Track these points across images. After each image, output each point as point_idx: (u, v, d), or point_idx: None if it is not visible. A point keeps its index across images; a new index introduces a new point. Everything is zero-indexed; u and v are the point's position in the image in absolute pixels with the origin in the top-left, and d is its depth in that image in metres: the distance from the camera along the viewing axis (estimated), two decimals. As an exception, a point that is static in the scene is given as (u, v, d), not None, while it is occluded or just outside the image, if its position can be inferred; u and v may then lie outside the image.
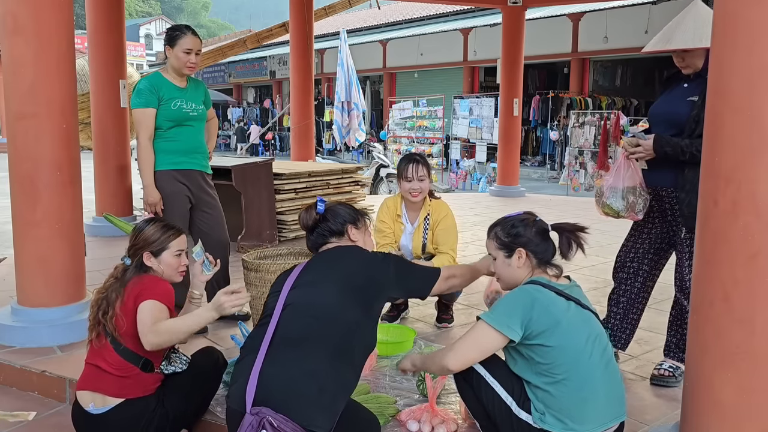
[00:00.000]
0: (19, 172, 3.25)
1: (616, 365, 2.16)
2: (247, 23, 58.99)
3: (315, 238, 2.41)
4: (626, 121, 11.93)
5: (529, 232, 2.18)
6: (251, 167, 5.57)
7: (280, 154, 23.34)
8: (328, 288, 2.15)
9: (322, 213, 2.40)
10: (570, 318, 2.02)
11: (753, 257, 1.81)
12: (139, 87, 3.48)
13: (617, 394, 2.08)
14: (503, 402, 2.02)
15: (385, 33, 22.09)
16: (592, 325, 2.09)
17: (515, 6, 9.13)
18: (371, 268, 2.26)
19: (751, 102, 1.79)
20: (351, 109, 9.98)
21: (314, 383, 1.90)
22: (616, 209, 2.92)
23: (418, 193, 3.51)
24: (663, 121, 2.84)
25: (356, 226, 2.44)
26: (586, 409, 1.97)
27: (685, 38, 2.70)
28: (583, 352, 1.99)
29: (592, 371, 2.00)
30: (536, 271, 2.17)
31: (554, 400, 1.97)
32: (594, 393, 1.98)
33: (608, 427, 2.02)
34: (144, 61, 42.29)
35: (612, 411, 2.04)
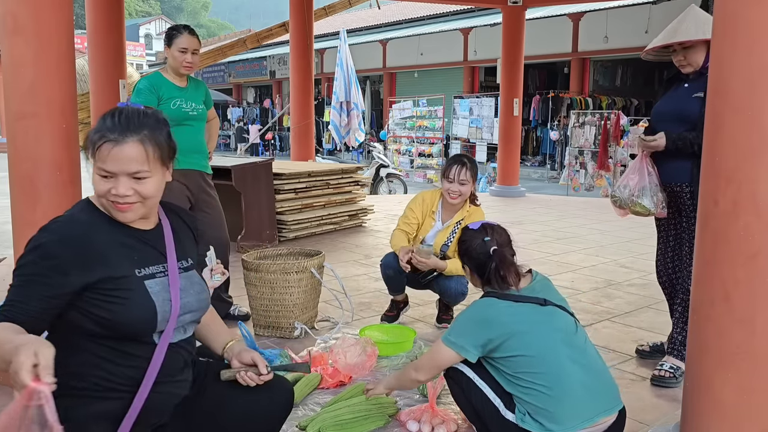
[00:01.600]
0: (19, 172, 3.25)
1: (595, 355, 2.10)
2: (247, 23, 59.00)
3: None
4: (626, 121, 11.93)
5: (472, 252, 2.20)
6: (251, 167, 5.57)
7: (280, 154, 23.34)
8: None
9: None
10: (529, 323, 2.00)
11: (753, 257, 1.81)
12: (138, 86, 3.48)
13: (599, 387, 2.02)
14: (491, 403, 2.03)
15: (385, 33, 22.08)
16: (556, 322, 2.05)
17: (515, 6, 9.13)
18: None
19: (751, 102, 1.80)
20: (351, 109, 9.98)
21: None
22: (648, 208, 2.92)
23: (457, 196, 3.44)
24: (671, 119, 2.89)
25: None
26: (561, 408, 1.94)
27: (689, 32, 2.77)
28: (546, 354, 1.97)
29: (561, 369, 1.96)
30: (487, 285, 2.16)
31: (529, 403, 1.97)
32: (567, 391, 1.95)
33: (595, 421, 1.97)
34: (144, 61, 42.28)
35: (597, 404, 1.99)
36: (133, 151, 1.56)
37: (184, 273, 1.73)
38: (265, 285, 3.37)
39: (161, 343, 1.62)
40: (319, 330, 3.55)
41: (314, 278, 3.42)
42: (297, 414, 2.52)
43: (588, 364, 2.03)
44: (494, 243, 2.18)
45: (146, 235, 1.68)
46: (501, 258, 2.13)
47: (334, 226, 6.50)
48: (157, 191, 1.65)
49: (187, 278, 1.72)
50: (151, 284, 1.62)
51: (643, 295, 4.29)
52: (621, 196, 2.97)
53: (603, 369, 2.09)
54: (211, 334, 1.91)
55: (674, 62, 2.89)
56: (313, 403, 2.61)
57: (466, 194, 3.47)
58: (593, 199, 10.33)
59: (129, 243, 1.64)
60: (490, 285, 2.14)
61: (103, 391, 1.56)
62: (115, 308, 1.55)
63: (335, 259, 5.19)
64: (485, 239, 2.19)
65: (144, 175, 1.58)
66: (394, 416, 2.49)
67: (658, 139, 2.83)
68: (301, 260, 3.51)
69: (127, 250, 1.62)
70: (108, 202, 1.59)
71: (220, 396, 1.78)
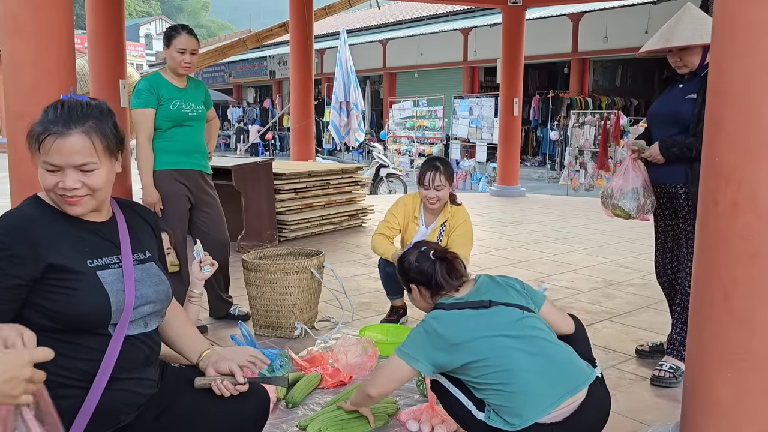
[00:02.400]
0: (19, 172, 3.25)
1: (547, 340, 2.05)
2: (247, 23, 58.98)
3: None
4: (626, 121, 11.93)
5: (414, 268, 2.23)
6: (251, 167, 5.58)
7: (280, 154, 23.34)
8: None
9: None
10: (471, 329, 2.01)
11: (753, 257, 1.81)
12: (138, 87, 3.48)
13: (557, 368, 1.99)
14: (465, 407, 2.05)
15: (385, 33, 22.08)
16: (499, 320, 2.03)
17: (515, 6, 9.13)
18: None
19: (751, 102, 1.80)
20: (350, 109, 9.98)
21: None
22: (627, 210, 2.96)
23: (435, 202, 3.44)
24: (664, 121, 2.91)
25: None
26: (518, 402, 1.93)
27: (686, 35, 2.77)
28: (493, 354, 1.97)
29: (512, 364, 1.96)
30: (436, 296, 2.19)
31: (492, 402, 1.99)
32: (522, 384, 1.94)
33: (558, 406, 1.94)
34: (144, 61, 42.28)
35: (557, 388, 1.96)
36: (78, 143, 1.52)
37: (141, 265, 1.68)
38: (265, 285, 3.37)
39: (116, 334, 1.58)
40: (319, 330, 3.55)
41: (314, 278, 3.42)
42: (297, 414, 2.53)
43: (539, 352, 2.00)
44: (431, 249, 2.25)
45: (99, 227, 1.65)
46: (442, 258, 2.20)
47: (334, 226, 6.50)
48: (106, 183, 1.60)
49: (143, 270, 1.68)
50: (104, 275, 1.58)
51: (643, 295, 4.29)
52: (606, 197, 3.02)
53: (557, 351, 2.04)
54: (185, 341, 1.85)
55: (670, 62, 2.90)
56: (313, 403, 2.61)
57: (444, 198, 3.45)
58: (593, 199, 10.32)
59: (81, 235, 1.60)
60: (439, 292, 2.17)
61: (57, 388, 1.44)
62: (66, 299, 1.51)
63: (335, 259, 5.19)
64: (422, 249, 2.26)
65: (91, 167, 1.54)
66: (394, 416, 2.49)
67: (652, 150, 2.83)
68: (301, 260, 3.51)
69: (78, 242, 1.58)
70: (57, 197, 1.55)
71: (194, 402, 1.73)
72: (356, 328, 3.52)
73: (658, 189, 2.97)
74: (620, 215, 3.02)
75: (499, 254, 5.56)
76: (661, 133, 2.92)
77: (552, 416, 1.93)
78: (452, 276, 2.17)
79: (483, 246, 5.89)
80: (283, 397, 2.62)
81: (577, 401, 1.96)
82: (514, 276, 2.24)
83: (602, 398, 2.03)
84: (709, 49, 2.75)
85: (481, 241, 6.16)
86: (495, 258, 5.43)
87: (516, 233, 6.67)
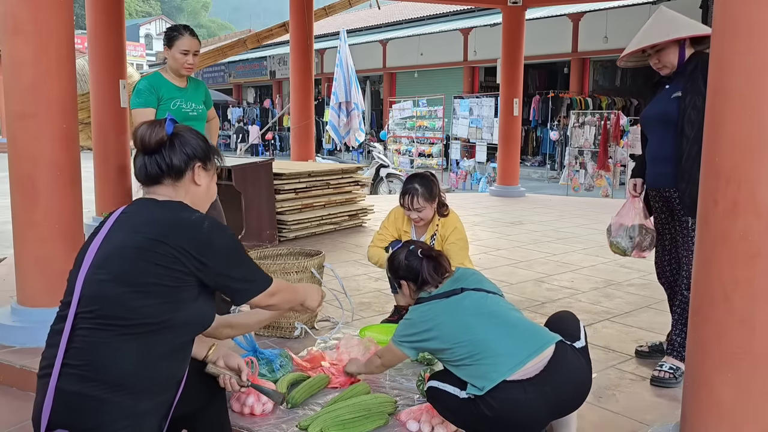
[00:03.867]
0: (19, 172, 3.24)
1: (508, 312, 2.26)
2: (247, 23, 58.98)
3: (149, 165, 1.83)
4: (626, 121, 11.93)
5: (403, 266, 2.46)
6: (251, 167, 5.57)
7: (280, 154, 23.34)
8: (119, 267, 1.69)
9: (170, 134, 1.84)
10: (443, 313, 2.24)
11: (753, 257, 1.81)
12: (138, 87, 3.48)
13: (519, 333, 2.16)
14: (451, 395, 2.15)
15: (385, 33, 22.08)
16: (466, 302, 2.26)
17: (515, 6, 9.13)
18: (177, 236, 1.71)
19: (751, 102, 1.80)
20: (351, 109, 9.98)
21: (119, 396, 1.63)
22: (623, 248, 3.12)
23: (419, 221, 3.42)
24: (656, 123, 2.96)
25: (205, 166, 1.90)
26: (485, 367, 2.08)
27: (655, 35, 2.83)
28: (460, 332, 2.16)
29: (475, 336, 2.14)
30: (420, 291, 2.42)
31: (465, 375, 2.13)
32: (486, 350, 2.10)
33: (524, 365, 2.06)
34: (144, 61, 42.28)
35: (520, 350, 2.10)
36: None
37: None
38: (265, 285, 3.36)
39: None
40: (319, 330, 3.55)
41: (314, 278, 3.42)
42: (297, 414, 2.52)
43: (500, 322, 2.19)
44: (419, 248, 2.48)
45: None
46: (428, 255, 2.43)
47: (334, 226, 6.50)
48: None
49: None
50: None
51: (643, 295, 4.29)
52: (607, 232, 3.21)
53: (518, 320, 2.24)
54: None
55: (651, 65, 2.94)
56: (313, 403, 2.61)
57: (427, 216, 3.41)
58: (593, 199, 10.33)
59: None
60: (424, 287, 2.40)
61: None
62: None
63: (335, 259, 5.19)
64: (410, 248, 2.48)
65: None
66: (394, 416, 2.49)
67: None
68: (301, 260, 3.51)
69: None
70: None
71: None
72: (356, 328, 3.52)
73: (654, 193, 3.03)
74: (617, 252, 3.18)
75: (499, 254, 5.56)
76: (655, 135, 2.95)
77: (520, 374, 2.06)
78: (438, 272, 2.40)
79: (483, 246, 5.89)
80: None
81: (544, 359, 2.09)
82: (514, 276, 2.28)
83: (577, 363, 2.15)
84: (685, 44, 2.80)
85: (481, 241, 6.16)
86: (495, 258, 5.43)
87: (516, 233, 6.67)
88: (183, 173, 1.84)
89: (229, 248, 1.78)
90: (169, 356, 1.71)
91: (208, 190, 1.92)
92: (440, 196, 3.47)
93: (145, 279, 1.65)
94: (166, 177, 1.83)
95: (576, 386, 2.14)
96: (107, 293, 1.65)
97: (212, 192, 1.95)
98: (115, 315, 1.63)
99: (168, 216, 1.76)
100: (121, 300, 1.64)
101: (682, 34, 2.78)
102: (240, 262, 1.83)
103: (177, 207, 1.80)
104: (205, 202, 1.93)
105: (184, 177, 1.85)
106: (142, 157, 1.84)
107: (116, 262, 1.68)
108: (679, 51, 2.83)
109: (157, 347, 1.67)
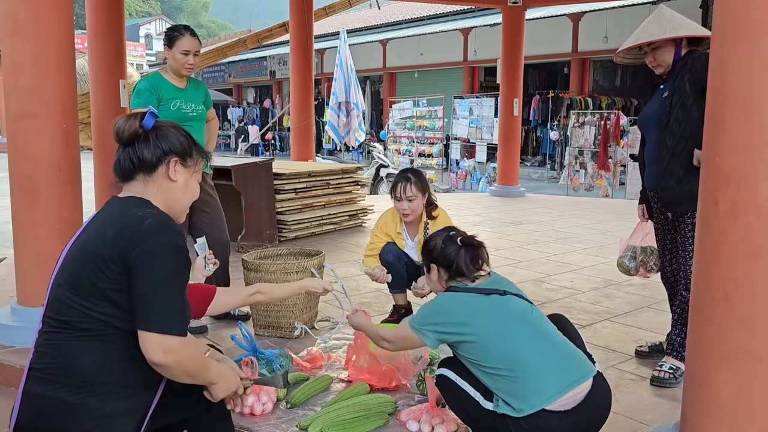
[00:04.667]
0: (19, 172, 3.24)
1: (551, 334, 2.12)
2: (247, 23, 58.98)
3: (122, 159, 1.76)
4: (626, 121, 11.93)
5: (438, 249, 2.29)
6: (251, 167, 5.57)
7: (280, 154, 23.34)
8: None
9: (149, 128, 1.75)
10: (481, 311, 2.09)
11: (753, 257, 1.81)
12: (138, 87, 3.48)
13: (563, 360, 2.05)
14: (473, 398, 2.08)
15: (385, 33, 22.08)
16: (509, 308, 2.12)
17: (515, 6, 9.13)
18: (115, 236, 1.61)
19: (751, 102, 1.80)
20: (351, 109, 9.97)
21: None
22: (627, 267, 3.28)
23: (409, 213, 3.40)
24: (652, 124, 2.98)
25: (183, 161, 1.80)
26: (525, 388, 1.98)
27: (653, 32, 2.84)
28: (499, 339, 2.03)
29: (519, 350, 2.01)
30: (452, 280, 2.26)
31: (497, 387, 2.03)
32: (528, 370, 1.99)
33: (564, 394, 1.98)
34: (144, 61, 42.27)
35: (563, 377, 2.00)
36: None
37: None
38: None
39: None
40: (319, 330, 3.55)
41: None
42: (297, 414, 2.52)
43: (546, 342, 2.07)
44: (459, 235, 2.32)
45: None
46: (468, 244, 2.27)
47: (334, 226, 6.50)
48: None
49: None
50: None
51: (643, 295, 4.29)
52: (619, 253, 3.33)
53: (563, 343, 2.12)
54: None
55: (647, 63, 2.96)
56: (313, 403, 2.61)
57: (417, 209, 3.40)
58: (593, 199, 10.33)
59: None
60: (457, 277, 2.24)
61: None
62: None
63: (335, 259, 5.19)
64: (450, 233, 2.32)
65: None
66: (394, 416, 2.49)
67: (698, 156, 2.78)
68: (301, 260, 3.51)
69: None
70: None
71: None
72: (356, 328, 3.52)
73: (653, 194, 3.05)
74: (622, 271, 3.32)
75: (499, 254, 5.56)
76: (652, 137, 2.96)
77: (559, 404, 1.97)
78: (474, 263, 2.23)
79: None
80: (283, 397, 2.62)
81: (583, 392, 2.01)
82: (514, 276, 2.26)
83: (606, 393, 2.09)
84: (682, 45, 2.81)
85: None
86: (495, 258, 5.43)
87: (516, 233, 6.67)
88: (155, 168, 1.74)
89: (163, 259, 1.60)
90: (132, 359, 1.61)
91: (186, 187, 1.81)
92: (430, 194, 3.47)
93: (86, 282, 1.60)
94: (138, 172, 1.74)
95: (602, 411, 2.08)
96: (61, 297, 1.63)
97: (192, 189, 1.84)
98: (70, 318, 1.62)
99: (116, 212, 1.68)
100: (71, 303, 1.61)
101: (679, 34, 2.78)
102: (165, 284, 1.60)
103: (131, 202, 1.70)
104: (181, 199, 1.81)
105: (156, 171, 1.75)
106: (118, 150, 1.76)
107: (69, 265, 1.66)
108: (675, 50, 2.83)
109: (116, 349, 1.62)
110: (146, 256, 1.58)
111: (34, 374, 1.64)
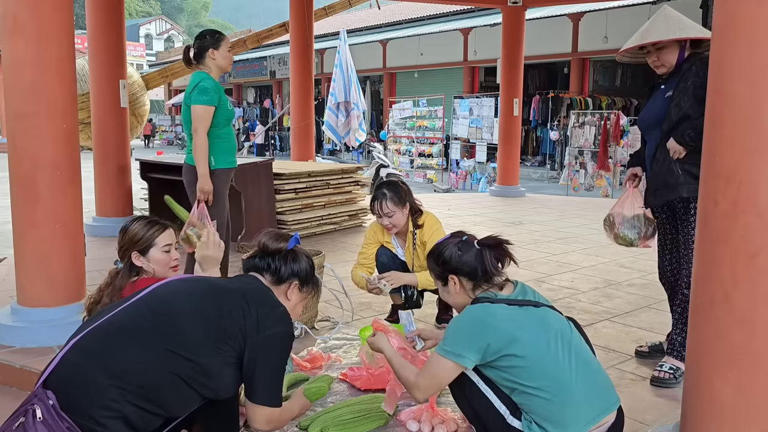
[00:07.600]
0: (19, 172, 3.24)
1: (588, 355, 2.05)
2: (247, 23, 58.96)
3: (260, 261, 2.09)
4: (626, 121, 11.93)
5: (455, 258, 2.10)
6: (251, 167, 5.58)
7: (280, 154, 23.34)
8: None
9: (290, 249, 2.10)
10: (526, 326, 1.94)
11: (753, 257, 1.81)
12: (205, 85, 3.57)
13: (598, 385, 2.00)
14: (497, 411, 1.98)
15: (385, 33, 22.09)
16: (551, 323, 2.00)
17: (515, 6, 9.13)
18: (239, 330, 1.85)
19: (751, 102, 1.80)
20: (351, 109, 9.97)
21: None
22: (630, 239, 3.11)
23: (391, 228, 3.39)
24: (652, 124, 2.97)
25: (301, 287, 2.11)
26: (564, 413, 1.91)
27: (659, 32, 2.82)
28: (546, 357, 1.92)
29: (562, 373, 1.92)
30: (478, 290, 2.09)
31: (534, 410, 1.94)
32: (570, 395, 1.91)
33: (598, 422, 1.96)
34: (144, 61, 42.28)
35: (598, 404, 1.97)
36: None
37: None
38: (265, 285, 3.36)
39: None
40: (319, 330, 3.55)
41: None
42: (297, 414, 2.52)
43: (585, 364, 1.99)
44: (473, 238, 2.15)
45: None
46: (489, 245, 2.10)
47: (334, 226, 6.50)
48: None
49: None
50: None
51: (643, 295, 4.29)
52: (608, 225, 3.19)
53: (598, 366, 2.06)
54: None
55: (649, 63, 2.93)
56: (313, 404, 2.61)
57: (399, 222, 3.36)
58: (593, 199, 10.33)
59: None
60: (483, 284, 2.08)
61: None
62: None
63: (335, 259, 5.19)
64: (463, 238, 2.15)
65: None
66: (394, 416, 2.49)
67: (670, 145, 2.79)
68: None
69: None
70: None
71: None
72: (356, 328, 3.52)
73: (653, 195, 3.00)
74: (623, 243, 3.17)
75: (499, 254, 5.56)
76: (652, 137, 2.96)
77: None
78: (503, 263, 2.09)
79: (483, 246, 5.88)
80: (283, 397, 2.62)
81: (610, 421, 1.99)
82: (514, 276, 2.24)
83: (622, 421, 2.07)
84: (686, 46, 2.80)
85: (481, 241, 6.15)
86: (495, 258, 5.43)
87: (516, 233, 6.67)
88: (282, 282, 2.06)
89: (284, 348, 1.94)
90: (174, 382, 1.74)
91: (294, 309, 2.09)
92: (414, 203, 3.42)
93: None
94: (268, 275, 2.06)
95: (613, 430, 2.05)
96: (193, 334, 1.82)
97: (297, 312, 2.13)
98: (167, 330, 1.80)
99: (247, 288, 1.97)
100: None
101: (688, 35, 2.77)
102: (282, 369, 1.96)
103: (261, 289, 2.00)
104: (293, 313, 2.08)
105: (281, 286, 2.06)
106: (257, 255, 2.10)
107: (199, 300, 1.91)
108: (679, 51, 2.83)
109: (171, 365, 1.74)
110: (273, 340, 1.87)
111: (81, 345, 1.73)
